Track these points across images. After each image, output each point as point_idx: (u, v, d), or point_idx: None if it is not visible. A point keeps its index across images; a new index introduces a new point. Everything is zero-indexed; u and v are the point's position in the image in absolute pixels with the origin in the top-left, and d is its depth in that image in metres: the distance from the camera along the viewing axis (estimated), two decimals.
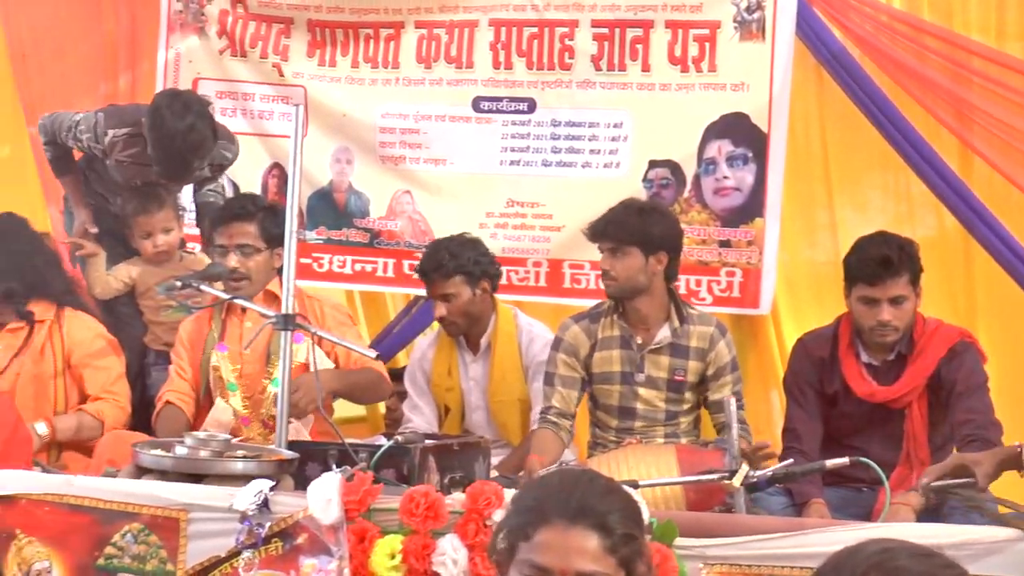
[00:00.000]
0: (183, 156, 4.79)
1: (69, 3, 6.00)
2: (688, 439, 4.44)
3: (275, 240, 4.57)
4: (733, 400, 3.81)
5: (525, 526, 2.16)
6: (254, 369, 4.60)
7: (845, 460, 3.66)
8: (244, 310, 4.63)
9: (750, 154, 5.18)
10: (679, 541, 3.17)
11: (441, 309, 4.84)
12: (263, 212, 4.70)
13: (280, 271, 4.60)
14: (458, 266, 4.81)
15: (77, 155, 5.23)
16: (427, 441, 3.85)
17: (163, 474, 3.62)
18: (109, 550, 3.52)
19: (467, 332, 4.94)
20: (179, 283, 4.58)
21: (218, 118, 5.42)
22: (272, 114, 5.78)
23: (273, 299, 4.59)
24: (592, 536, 2.13)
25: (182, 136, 4.73)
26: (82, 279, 5.19)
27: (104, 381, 4.73)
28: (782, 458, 4.12)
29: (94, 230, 5.16)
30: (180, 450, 3.67)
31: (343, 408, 5.98)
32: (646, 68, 5.28)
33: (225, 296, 4.50)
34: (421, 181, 5.58)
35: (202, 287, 4.54)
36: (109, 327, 4.89)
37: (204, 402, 4.65)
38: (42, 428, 4.58)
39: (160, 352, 5.10)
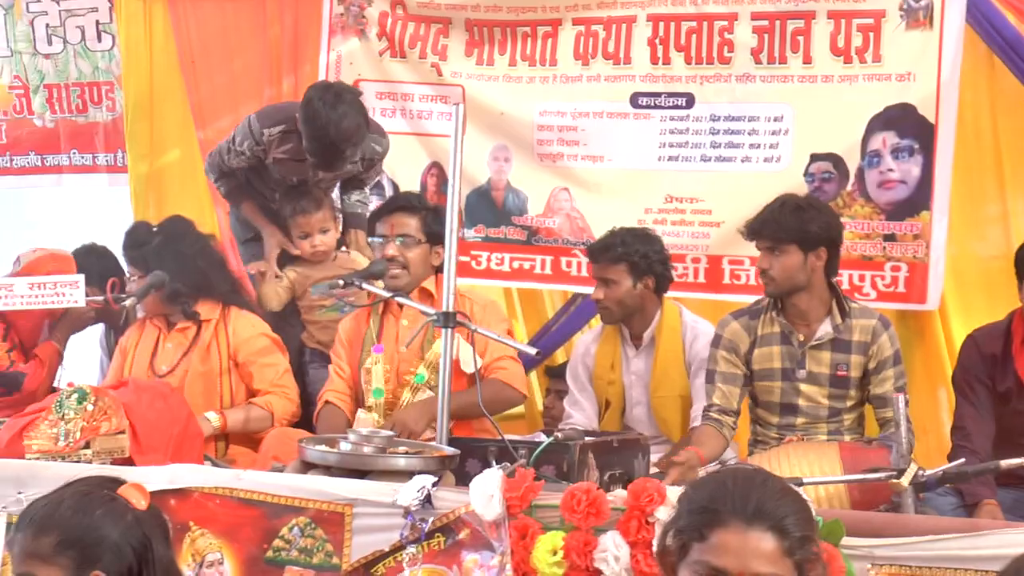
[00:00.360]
0: (336, 145, 4.86)
1: (236, 10, 6.15)
2: (852, 436, 4.36)
3: (435, 237, 4.61)
4: (902, 397, 3.72)
5: (700, 526, 2.14)
6: (408, 369, 4.61)
7: (1022, 460, 3.54)
8: (401, 308, 4.67)
9: (916, 145, 5.05)
10: (846, 540, 3.10)
11: (599, 292, 4.86)
12: (427, 210, 4.75)
13: (438, 269, 4.65)
14: (625, 254, 4.82)
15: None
16: (587, 438, 3.85)
17: (328, 469, 3.66)
18: (277, 543, 3.58)
19: (627, 324, 4.94)
20: (341, 281, 4.64)
21: (377, 119, 5.51)
22: (431, 114, 5.83)
23: (428, 297, 4.63)
24: (770, 538, 2.12)
25: (335, 125, 4.81)
26: (246, 279, 5.30)
27: (272, 376, 4.83)
28: (952, 457, 4.02)
29: (296, 252, 5.22)
30: (344, 446, 3.71)
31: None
32: (807, 60, 5.18)
33: (385, 294, 4.55)
34: (579, 178, 5.58)
35: (363, 285, 4.60)
36: (271, 326, 5.00)
37: (363, 400, 4.68)
38: (213, 417, 4.69)
39: (315, 350, 5.19)
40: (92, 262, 5.36)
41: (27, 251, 5.31)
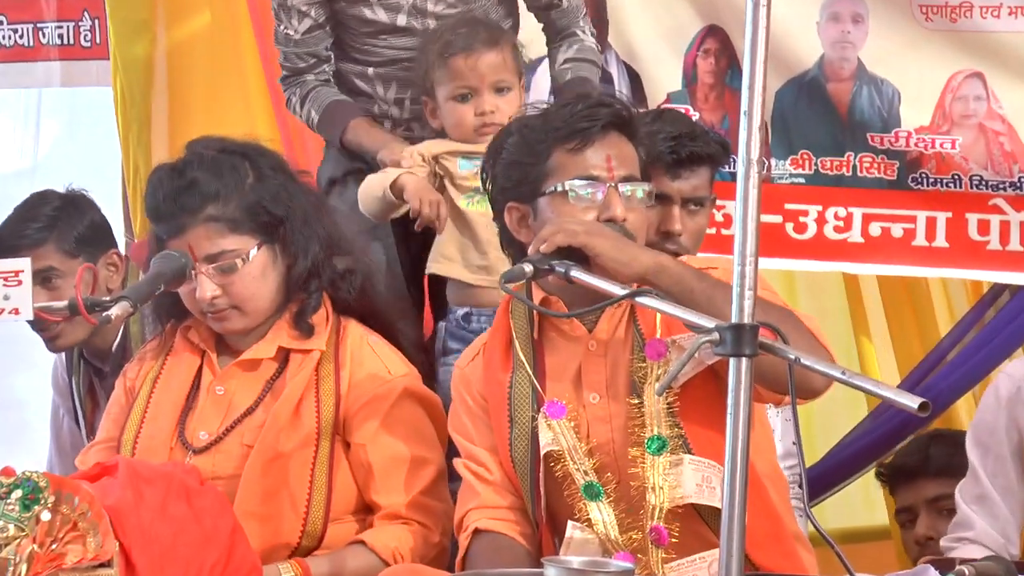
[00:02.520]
0: None
1: None
2: None
3: None
4: None
5: None
6: (634, 431, 4.58)
7: None
8: (595, 322, 4.64)
9: None
10: None
11: None
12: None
13: None
14: None
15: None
16: None
17: None
18: None
19: None
20: (528, 266, 4.59)
21: None
22: None
23: None
24: None
25: None
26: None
27: (408, 485, 4.87)
28: None
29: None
30: None
31: (847, 510, 5.99)
32: None
33: (621, 293, 4.48)
34: (1007, 52, 5.64)
35: (575, 272, 4.54)
36: None
37: (540, 514, 4.66)
38: (287, 572, 4.76)
39: None
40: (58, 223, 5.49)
41: None
